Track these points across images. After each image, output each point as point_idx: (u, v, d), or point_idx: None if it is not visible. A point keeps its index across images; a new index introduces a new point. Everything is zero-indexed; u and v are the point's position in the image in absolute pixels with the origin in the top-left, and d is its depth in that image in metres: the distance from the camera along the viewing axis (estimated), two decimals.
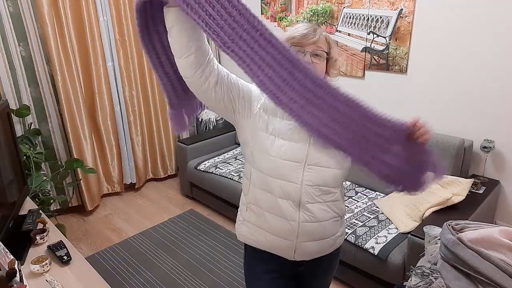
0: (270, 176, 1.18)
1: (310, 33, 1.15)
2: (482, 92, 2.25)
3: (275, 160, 1.16)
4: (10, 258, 1.31)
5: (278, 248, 1.25)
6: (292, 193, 1.17)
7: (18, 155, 1.94)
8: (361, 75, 2.80)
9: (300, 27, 1.18)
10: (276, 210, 1.20)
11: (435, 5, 2.32)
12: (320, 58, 1.17)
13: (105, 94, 3.21)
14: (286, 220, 1.19)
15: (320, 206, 1.20)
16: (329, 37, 1.21)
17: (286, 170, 1.16)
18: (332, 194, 1.22)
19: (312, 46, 1.15)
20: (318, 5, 2.92)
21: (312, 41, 1.15)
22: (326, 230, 1.25)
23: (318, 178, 1.17)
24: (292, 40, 1.16)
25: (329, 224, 1.25)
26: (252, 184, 1.25)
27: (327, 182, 1.19)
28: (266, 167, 1.18)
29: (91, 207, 3.22)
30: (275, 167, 1.17)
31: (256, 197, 1.24)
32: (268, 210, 1.22)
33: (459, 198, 2.01)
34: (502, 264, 0.82)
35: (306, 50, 1.15)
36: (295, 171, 1.16)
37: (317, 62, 1.16)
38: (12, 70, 2.71)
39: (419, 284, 0.98)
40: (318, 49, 1.16)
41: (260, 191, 1.22)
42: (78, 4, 2.90)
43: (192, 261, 2.54)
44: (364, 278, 2.10)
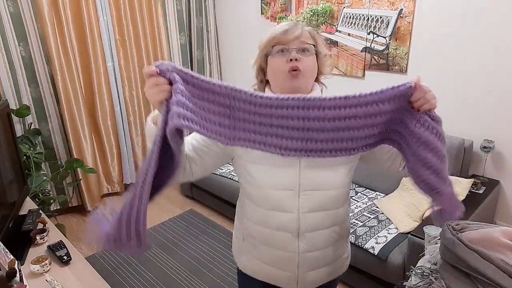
0: (262, 208, 1.09)
1: (290, 28, 1.03)
2: (482, 92, 2.25)
3: (266, 191, 1.06)
4: (10, 258, 1.31)
5: (279, 281, 1.16)
6: (289, 224, 1.07)
7: (18, 155, 1.94)
8: (361, 75, 2.80)
9: (280, 25, 1.06)
10: (273, 243, 1.11)
11: (435, 5, 2.32)
12: (308, 53, 1.03)
13: (105, 94, 3.21)
14: (284, 252, 1.10)
15: (321, 233, 1.10)
16: (314, 31, 1.09)
17: (279, 200, 1.05)
18: (335, 217, 1.11)
19: (296, 42, 1.02)
20: (318, 5, 2.92)
21: (295, 37, 1.02)
22: (330, 256, 1.16)
23: (317, 204, 1.06)
24: (273, 40, 1.04)
25: (332, 249, 1.15)
26: (246, 217, 1.16)
27: (327, 206, 1.08)
28: (257, 198, 1.09)
29: (91, 207, 3.22)
30: (267, 198, 1.07)
31: (250, 230, 1.15)
32: (264, 243, 1.13)
33: (459, 198, 2.01)
34: (502, 264, 0.82)
35: (290, 47, 1.01)
36: (289, 200, 1.05)
37: (305, 58, 1.03)
38: (12, 70, 2.71)
39: (419, 284, 0.98)
40: (303, 44, 1.02)
41: (253, 225, 1.13)
42: (78, 4, 2.90)
43: (192, 261, 2.54)
44: (364, 278, 2.10)
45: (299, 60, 1.01)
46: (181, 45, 3.64)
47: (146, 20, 3.30)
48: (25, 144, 2.64)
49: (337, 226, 1.13)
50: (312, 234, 1.08)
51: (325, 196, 1.07)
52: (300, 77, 1.02)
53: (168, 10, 3.47)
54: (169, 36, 3.53)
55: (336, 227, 1.13)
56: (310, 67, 1.04)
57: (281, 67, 1.01)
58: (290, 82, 1.02)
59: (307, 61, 1.03)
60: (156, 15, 3.36)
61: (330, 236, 1.12)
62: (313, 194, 1.05)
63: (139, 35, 3.29)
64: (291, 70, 1.00)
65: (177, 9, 3.52)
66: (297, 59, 1.00)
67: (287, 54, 1.01)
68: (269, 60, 1.06)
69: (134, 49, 3.29)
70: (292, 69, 1.00)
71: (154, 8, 3.32)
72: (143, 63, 3.38)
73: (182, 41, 3.63)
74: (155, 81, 0.82)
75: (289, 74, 1.01)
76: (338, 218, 1.12)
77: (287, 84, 1.02)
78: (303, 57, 1.02)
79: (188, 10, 3.64)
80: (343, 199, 1.12)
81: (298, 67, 1.00)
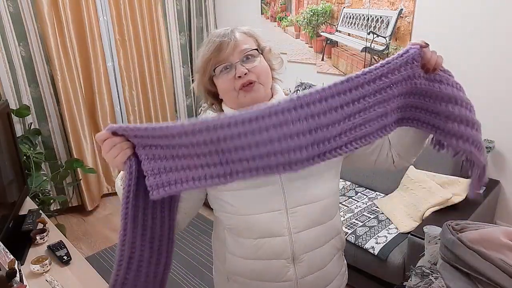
0: (248, 238, 0.96)
1: (223, 41, 0.89)
2: (482, 92, 2.25)
3: (249, 218, 0.93)
4: (10, 258, 1.31)
5: None
6: (281, 249, 0.95)
7: (18, 155, 1.94)
8: None
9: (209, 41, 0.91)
10: (266, 276, 0.98)
11: (435, 5, 2.32)
12: (253, 57, 0.91)
13: (105, 94, 3.21)
14: (280, 282, 0.98)
15: (319, 251, 0.99)
16: (248, 30, 0.95)
17: (266, 225, 0.93)
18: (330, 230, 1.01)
19: (235, 54, 0.89)
20: (318, 5, 2.92)
21: (231, 48, 0.88)
22: (330, 274, 1.06)
23: (308, 219, 0.95)
24: (209, 62, 0.91)
25: (332, 266, 1.05)
26: (229, 252, 1.01)
27: (320, 219, 0.97)
28: (241, 228, 0.96)
29: (91, 207, 3.22)
30: (251, 226, 0.94)
31: (237, 267, 1.01)
32: (256, 278, 0.99)
33: (459, 198, 2.01)
34: (502, 264, 0.82)
35: (233, 62, 0.89)
36: (278, 222, 0.93)
37: (253, 65, 0.90)
38: (12, 70, 2.71)
39: (419, 284, 0.98)
40: (245, 52, 0.90)
41: (240, 259, 0.99)
42: (78, 4, 2.90)
43: (192, 261, 2.54)
44: (364, 278, 2.10)
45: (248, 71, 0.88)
46: (181, 45, 3.64)
47: (146, 20, 3.30)
48: (25, 144, 2.64)
49: (333, 239, 1.03)
50: (308, 255, 0.97)
51: (316, 208, 0.95)
52: (257, 87, 0.90)
53: (168, 10, 3.47)
54: (169, 36, 3.53)
55: (333, 240, 1.03)
56: (263, 71, 0.91)
57: (232, 85, 0.89)
58: (248, 97, 0.89)
59: (257, 68, 0.90)
60: (156, 15, 3.36)
61: (328, 253, 1.02)
62: (302, 209, 0.94)
63: (139, 35, 3.29)
64: (242, 86, 0.88)
65: (177, 9, 3.52)
66: (246, 73, 0.88)
67: (233, 70, 0.88)
68: (215, 81, 0.93)
69: (134, 49, 3.29)
70: (244, 84, 0.88)
71: (154, 8, 3.33)
72: (143, 63, 3.38)
73: (182, 41, 3.63)
74: (111, 142, 0.73)
75: (242, 90, 0.89)
76: (333, 231, 1.02)
77: (244, 100, 0.90)
78: (250, 65, 0.89)
79: (188, 10, 3.64)
80: (335, 208, 1.03)
81: (251, 79, 0.89)
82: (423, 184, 2.16)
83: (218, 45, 0.89)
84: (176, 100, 3.77)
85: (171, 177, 0.74)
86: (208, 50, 0.91)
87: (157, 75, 3.51)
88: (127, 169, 0.76)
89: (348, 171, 2.64)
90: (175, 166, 0.74)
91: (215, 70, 0.91)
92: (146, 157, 0.75)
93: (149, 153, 0.75)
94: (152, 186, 0.75)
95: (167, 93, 3.58)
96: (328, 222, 0.99)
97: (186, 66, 3.73)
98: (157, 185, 0.74)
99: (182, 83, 3.75)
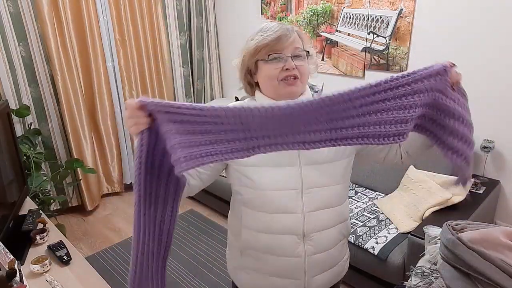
0: (265, 212, 1.05)
1: (284, 34, 0.99)
2: (482, 92, 2.25)
3: (268, 193, 1.03)
4: (10, 258, 1.31)
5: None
6: (294, 226, 1.04)
7: (18, 155, 1.94)
8: (361, 75, 2.80)
9: (270, 29, 1.01)
10: (277, 250, 1.07)
11: (435, 5, 2.32)
12: (302, 58, 1.01)
13: (105, 94, 3.21)
14: (291, 257, 1.07)
15: (327, 233, 1.09)
16: (300, 31, 1.07)
17: (282, 201, 1.03)
18: (339, 215, 1.11)
19: (290, 49, 0.99)
20: (318, 5, 2.92)
21: (289, 43, 0.99)
22: (335, 257, 1.15)
23: (320, 201, 1.05)
24: (265, 48, 1.00)
25: (337, 250, 1.15)
26: (245, 226, 1.11)
27: (331, 202, 1.08)
28: (259, 203, 1.06)
29: (91, 207, 3.22)
30: (269, 201, 1.04)
31: (251, 240, 1.10)
32: (268, 252, 1.08)
33: (459, 198, 2.01)
34: (502, 264, 0.82)
35: (286, 55, 0.99)
36: (293, 200, 1.03)
37: (301, 64, 1.01)
38: (12, 70, 2.71)
39: (419, 284, 0.98)
40: (298, 51, 1.01)
41: (255, 233, 1.09)
42: (78, 4, 2.90)
43: (192, 261, 2.54)
44: (364, 278, 2.10)
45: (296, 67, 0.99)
46: (181, 45, 3.64)
47: (146, 20, 3.30)
48: (25, 144, 2.64)
49: (341, 224, 1.13)
50: (317, 234, 1.07)
51: (328, 192, 1.06)
52: (298, 84, 1.01)
53: (168, 10, 3.47)
54: (169, 36, 3.53)
55: (340, 225, 1.12)
56: (306, 71, 1.03)
57: (276, 74, 1.00)
58: (288, 89, 1.00)
59: (303, 68, 1.01)
60: (156, 15, 3.36)
61: (335, 236, 1.12)
62: (316, 191, 1.04)
63: (139, 35, 3.29)
64: (285, 77, 0.99)
65: (177, 9, 3.52)
66: (294, 68, 0.99)
67: (282, 62, 0.99)
68: (261, 65, 1.03)
69: (134, 49, 3.29)
70: (287, 77, 0.99)
71: (154, 8, 3.33)
72: (143, 63, 3.38)
73: (182, 41, 3.63)
74: (130, 114, 0.80)
75: (283, 81, 1.00)
76: (342, 216, 1.12)
77: (283, 91, 1.01)
78: (298, 63, 1.00)
79: (188, 10, 3.64)
80: (345, 194, 1.13)
81: (295, 74, 1.00)
82: (423, 184, 2.16)
83: (278, 35, 0.98)
84: (176, 100, 3.77)
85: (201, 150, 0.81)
86: (267, 37, 0.99)
87: (157, 75, 3.51)
88: (139, 141, 0.83)
89: None
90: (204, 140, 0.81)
91: (269, 56, 0.99)
92: (176, 131, 0.80)
93: (179, 128, 0.80)
94: (180, 158, 0.79)
95: (167, 93, 3.58)
96: (337, 207, 1.09)
97: (186, 66, 3.73)
98: (185, 157, 0.79)
99: (182, 83, 3.75)
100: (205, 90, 3.99)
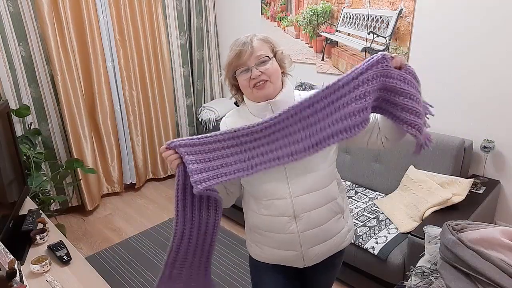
0: (261, 199, 1.23)
1: (242, 49, 1.14)
2: (482, 92, 2.25)
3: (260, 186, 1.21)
4: (10, 258, 1.31)
5: (288, 260, 1.29)
6: (284, 209, 1.20)
7: (18, 155, 1.94)
8: None
9: (233, 47, 1.17)
10: (275, 229, 1.24)
11: (435, 5, 2.32)
12: (266, 62, 1.15)
13: (105, 94, 3.21)
14: (286, 234, 1.23)
15: (315, 212, 1.22)
16: (266, 37, 1.20)
17: (271, 189, 1.20)
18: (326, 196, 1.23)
19: (252, 59, 1.14)
20: (318, 5, 2.92)
21: (248, 55, 1.14)
22: (328, 231, 1.27)
23: (305, 187, 1.19)
24: (231, 65, 1.17)
25: (330, 225, 1.27)
26: (251, 210, 1.30)
27: (316, 186, 1.21)
28: (255, 192, 1.24)
29: (91, 207, 3.22)
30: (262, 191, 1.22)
31: (255, 220, 1.29)
32: (268, 230, 1.26)
33: (459, 198, 2.01)
34: (502, 264, 0.82)
35: (250, 66, 1.14)
36: (281, 188, 1.19)
37: (266, 67, 1.15)
38: (12, 70, 2.71)
39: (419, 284, 0.98)
40: (259, 58, 1.15)
41: (257, 215, 1.27)
42: (78, 4, 2.90)
43: None
44: (364, 278, 2.10)
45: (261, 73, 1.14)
46: (181, 45, 3.64)
47: (146, 20, 3.30)
48: (25, 144, 2.64)
49: (330, 203, 1.25)
50: (306, 214, 1.21)
51: (312, 179, 1.19)
52: (268, 85, 1.16)
53: (168, 10, 3.47)
54: (169, 36, 3.53)
55: (329, 204, 1.25)
56: (273, 72, 1.17)
57: (247, 84, 1.16)
58: (260, 93, 1.17)
59: (269, 70, 1.15)
60: (156, 15, 3.36)
61: (325, 215, 1.24)
62: (299, 179, 1.19)
63: (139, 35, 3.29)
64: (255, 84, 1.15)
65: (177, 9, 3.52)
66: (259, 74, 1.14)
67: (248, 72, 1.15)
68: (237, 78, 1.19)
69: (134, 49, 3.29)
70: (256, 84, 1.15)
71: (154, 8, 3.33)
72: (143, 63, 3.38)
73: (182, 41, 3.63)
74: (165, 156, 1.10)
75: (254, 87, 1.16)
76: (329, 196, 1.24)
77: (257, 95, 1.17)
78: (263, 68, 1.14)
79: (188, 10, 3.64)
80: (329, 179, 1.25)
81: (263, 79, 1.15)
82: (423, 184, 2.16)
83: (238, 52, 1.15)
84: (176, 100, 3.77)
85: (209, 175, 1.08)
86: (230, 55, 1.17)
87: (157, 75, 3.51)
88: (176, 173, 1.11)
89: (348, 171, 2.64)
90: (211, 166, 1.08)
91: (236, 72, 1.18)
92: (191, 162, 1.06)
93: (193, 159, 1.07)
94: (196, 182, 1.06)
95: (167, 93, 3.59)
96: (323, 189, 1.22)
97: (186, 66, 3.73)
98: (199, 181, 1.06)
99: (182, 83, 3.75)
100: (205, 90, 3.99)
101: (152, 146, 3.66)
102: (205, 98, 4.01)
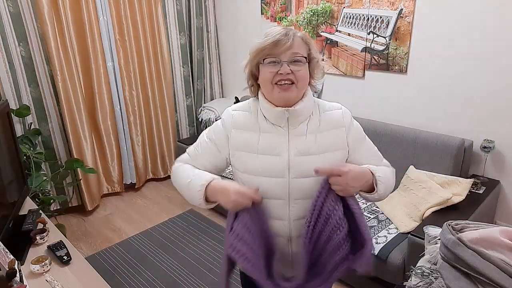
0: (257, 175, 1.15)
1: (281, 39, 1.02)
2: (482, 92, 2.25)
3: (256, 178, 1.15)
4: (10, 258, 1.31)
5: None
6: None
7: (18, 155, 1.94)
8: (361, 75, 2.80)
9: (271, 33, 1.04)
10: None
11: (435, 5, 2.32)
12: (300, 63, 1.04)
13: (105, 94, 3.21)
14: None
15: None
16: (306, 36, 1.09)
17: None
18: None
19: (287, 54, 1.02)
20: (318, 5, 2.92)
21: (286, 48, 1.02)
22: None
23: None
24: (263, 51, 1.04)
25: None
26: None
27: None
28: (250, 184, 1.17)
29: (91, 207, 3.22)
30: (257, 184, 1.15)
31: None
32: None
33: (459, 198, 2.01)
34: (502, 264, 0.82)
35: (282, 60, 1.02)
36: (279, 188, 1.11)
37: (298, 69, 1.03)
38: (12, 70, 2.71)
39: (419, 284, 0.98)
40: (295, 56, 1.03)
41: None
42: (78, 4, 2.90)
43: (192, 261, 2.54)
44: (364, 278, 2.10)
45: (291, 72, 1.02)
46: (181, 45, 3.64)
47: (146, 20, 3.30)
48: (25, 144, 2.64)
49: None
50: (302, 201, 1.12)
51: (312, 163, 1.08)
52: (293, 89, 1.05)
53: (168, 10, 3.47)
54: (169, 36, 3.53)
55: None
56: (302, 78, 1.06)
57: (271, 78, 1.04)
58: (282, 94, 1.05)
59: (300, 73, 1.04)
60: (156, 15, 3.36)
61: None
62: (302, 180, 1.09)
63: (139, 35, 3.29)
64: (279, 81, 1.03)
65: (177, 9, 3.52)
66: (288, 73, 1.02)
67: (278, 66, 1.03)
68: (260, 67, 1.07)
69: (134, 49, 3.29)
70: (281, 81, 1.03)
71: (154, 8, 3.33)
72: (143, 63, 3.38)
73: (182, 41, 3.63)
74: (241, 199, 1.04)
75: (277, 86, 1.04)
76: None
77: (277, 95, 1.06)
78: (295, 68, 1.03)
79: (188, 10, 3.64)
80: None
81: (291, 79, 1.03)
82: (423, 184, 2.16)
83: (276, 40, 1.02)
84: (176, 100, 3.77)
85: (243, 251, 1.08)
86: (266, 41, 1.03)
87: (157, 75, 3.51)
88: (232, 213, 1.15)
89: None
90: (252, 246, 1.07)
91: (264, 60, 1.04)
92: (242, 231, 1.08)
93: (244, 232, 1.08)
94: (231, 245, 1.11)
95: (167, 93, 3.59)
96: None
97: (186, 66, 3.73)
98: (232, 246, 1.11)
99: (182, 83, 3.75)
100: (205, 90, 3.99)
101: (152, 146, 3.66)
102: (205, 98, 4.01)
